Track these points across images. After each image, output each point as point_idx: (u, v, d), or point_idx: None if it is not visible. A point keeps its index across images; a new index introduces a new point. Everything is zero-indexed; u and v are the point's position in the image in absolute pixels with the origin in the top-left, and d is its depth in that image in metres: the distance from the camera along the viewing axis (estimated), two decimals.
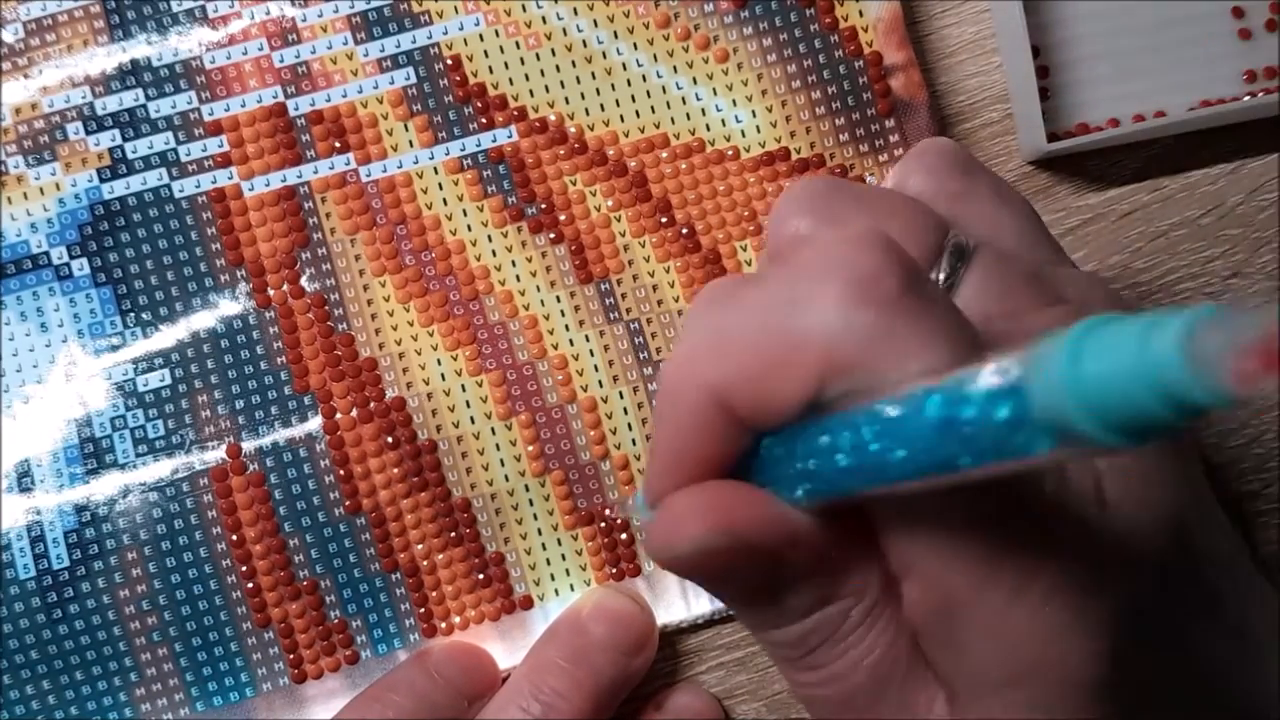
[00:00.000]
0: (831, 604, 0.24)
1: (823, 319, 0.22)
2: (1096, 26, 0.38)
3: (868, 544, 0.24)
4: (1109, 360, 0.16)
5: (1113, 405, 0.16)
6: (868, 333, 0.22)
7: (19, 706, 0.36)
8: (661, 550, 0.24)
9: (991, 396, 0.18)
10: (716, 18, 0.37)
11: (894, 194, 0.27)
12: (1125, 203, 0.38)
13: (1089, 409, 0.17)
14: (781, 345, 0.22)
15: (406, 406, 0.37)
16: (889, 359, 0.21)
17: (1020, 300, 0.26)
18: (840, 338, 0.22)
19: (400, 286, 0.37)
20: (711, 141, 0.37)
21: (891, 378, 0.21)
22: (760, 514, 0.23)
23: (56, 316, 0.37)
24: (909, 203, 0.27)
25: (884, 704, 0.24)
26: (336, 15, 0.37)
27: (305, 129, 0.37)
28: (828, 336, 0.22)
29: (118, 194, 0.37)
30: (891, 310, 0.22)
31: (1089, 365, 0.17)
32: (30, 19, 0.37)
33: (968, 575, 0.22)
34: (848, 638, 0.24)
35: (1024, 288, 0.26)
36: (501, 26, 0.37)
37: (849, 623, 0.24)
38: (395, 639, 0.37)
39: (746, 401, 0.23)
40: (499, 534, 0.37)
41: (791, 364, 0.22)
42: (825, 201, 0.27)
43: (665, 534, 0.24)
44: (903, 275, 0.22)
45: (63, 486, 0.36)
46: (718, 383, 0.23)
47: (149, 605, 0.36)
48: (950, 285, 0.26)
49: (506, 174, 0.37)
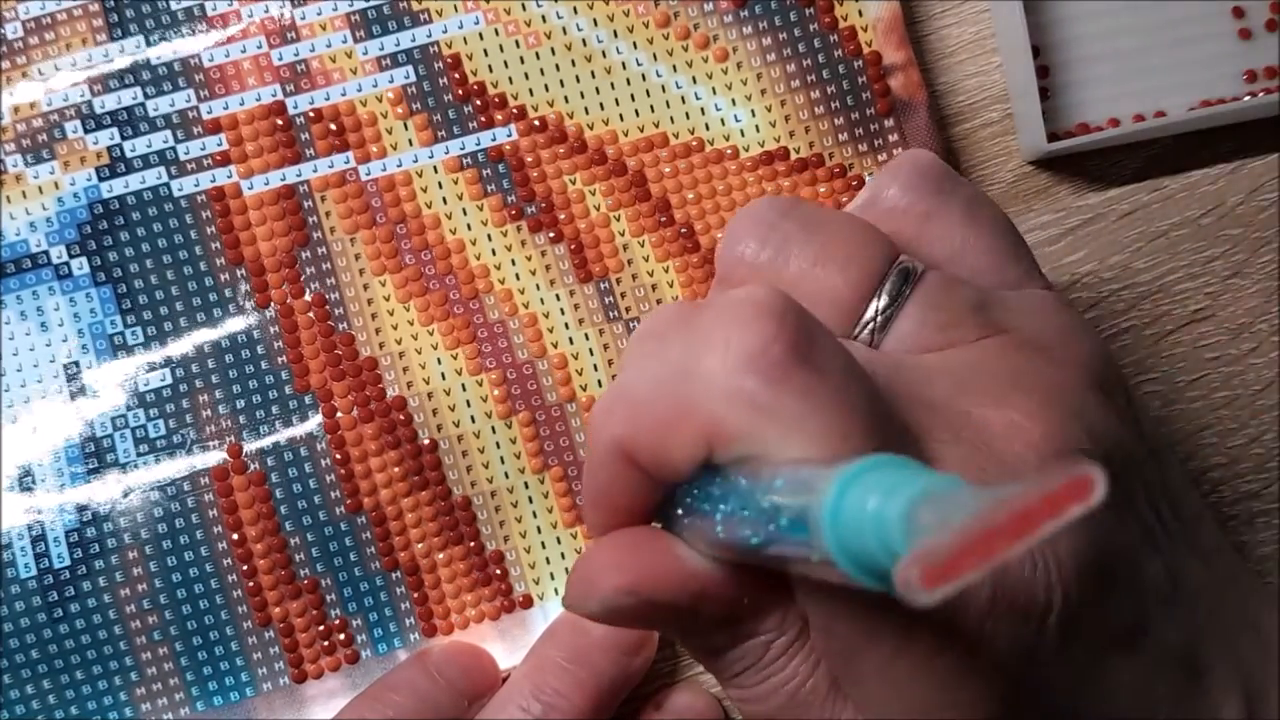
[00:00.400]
0: (751, 639, 0.25)
1: (708, 387, 0.22)
2: (1097, 26, 0.38)
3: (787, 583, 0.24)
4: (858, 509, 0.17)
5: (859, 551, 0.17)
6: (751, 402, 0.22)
7: (19, 706, 0.36)
8: (573, 607, 0.25)
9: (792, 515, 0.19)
10: (716, 17, 0.37)
11: (844, 218, 0.28)
12: (1125, 203, 0.38)
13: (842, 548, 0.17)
14: (672, 407, 0.23)
15: (407, 406, 0.37)
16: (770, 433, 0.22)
17: (957, 331, 0.26)
18: (724, 408, 0.22)
19: (400, 286, 0.37)
20: (711, 141, 0.37)
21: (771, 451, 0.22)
22: (666, 573, 0.24)
23: (56, 316, 0.37)
24: (857, 226, 0.27)
25: None
26: (335, 13, 0.37)
27: (304, 128, 0.37)
28: (712, 405, 0.22)
29: (117, 193, 0.37)
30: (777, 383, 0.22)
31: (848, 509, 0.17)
32: (29, 17, 0.37)
33: (855, 626, 0.23)
34: (769, 665, 0.25)
35: (964, 318, 0.26)
36: (501, 25, 0.37)
37: (770, 653, 0.25)
38: (395, 638, 0.37)
39: (645, 457, 0.24)
40: (499, 533, 0.37)
41: (680, 427, 0.23)
42: (770, 226, 0.27)
43: (577, 592, 0.25)
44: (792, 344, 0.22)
45: (64, 486, 0.36)
46: (623, 436, 0.24)
47: (149, 604, 0.36)
48: (889, 314, 0.26)
49: (506, 173, 0.37)
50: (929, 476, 0.17)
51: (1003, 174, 0.38)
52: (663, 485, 0.24)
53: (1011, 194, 0.38)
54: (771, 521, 0.20)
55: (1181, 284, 0.38)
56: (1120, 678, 0.25)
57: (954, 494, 0.16)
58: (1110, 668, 0.25)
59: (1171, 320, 0.38)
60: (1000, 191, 0.38)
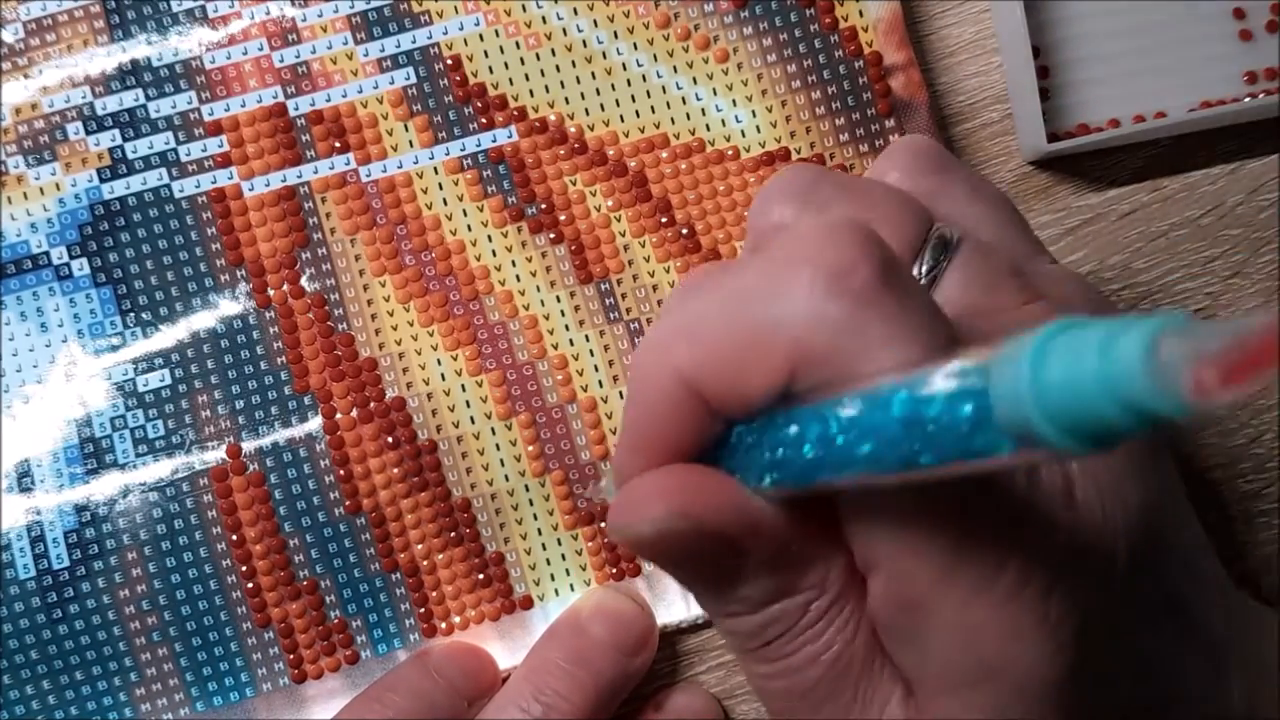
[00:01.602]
0: (791, 596, 0.24)
1: (794, 309, 0.22)
2: (1097, 27, 0.38)
3: (833, 538, 0.24)
4: (1070, 366, 0.16)
5: (1073, 412, 0.16)
6: (839, 325, 0.21)
7: (19, 706, 0.36)
8: (621, 530, 0.24)
9: (955, 397, 0.18)
10: (716, 18, 0.37)
11: (879, 184, 0.27)
12: (1125, 203, 0.38)
13: (1049, 414, 0.16)
14: (753, 334, 0.22)
15: (406, 406, 0.37)
16: (860, 353, 0.21)
17: (1003, 295, 0.25)
18: (811, 329, 0.21)
19: (400, 286, 0.37)
20: (711, 141, 0.37)
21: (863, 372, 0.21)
22: (722, 500, 0.23)
23: (56, 316, 0.37)
24: (894, 193, 0.27)
25: (838, 700, 0.24)
26: (336, 15, 0.37)
27: (305, 129, 0.37)
28: (799, 327, 0.21)
29: (118, 194, 0.37)
30: (864, 303, 0.21)
31: (1051, 371, 0.16)
32: (30, 19, 0.37)
33: (931, 571, 0.22)
34: (806, 631, 0.24)
35: (1007, 282, 0.26)
36: (501, 26, 0.37)
37: (808, 616, 0.24)
38: (395, 639, 0.37)
39: (716, 388, 0.23)
40: (499, 534, 0.37)
41: (762, 354, 0.22)
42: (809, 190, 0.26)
43: (625, 514, 0.23)
44: (878, 267, 0.22)
45: (63, 486, 0.36)
46: (689, 368, 0.23)
47: (149, 605, 0.36)
48: (933, 278, 0.25)
49: (506, 174, 0.37)
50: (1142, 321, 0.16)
51: (1003, 174, 0.38)
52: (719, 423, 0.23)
53: (1012, 194, 0.38)
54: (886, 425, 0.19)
55: (1182, 284, 0.38)
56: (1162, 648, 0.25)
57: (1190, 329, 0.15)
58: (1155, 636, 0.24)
59: None
60: None
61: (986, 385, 0.18)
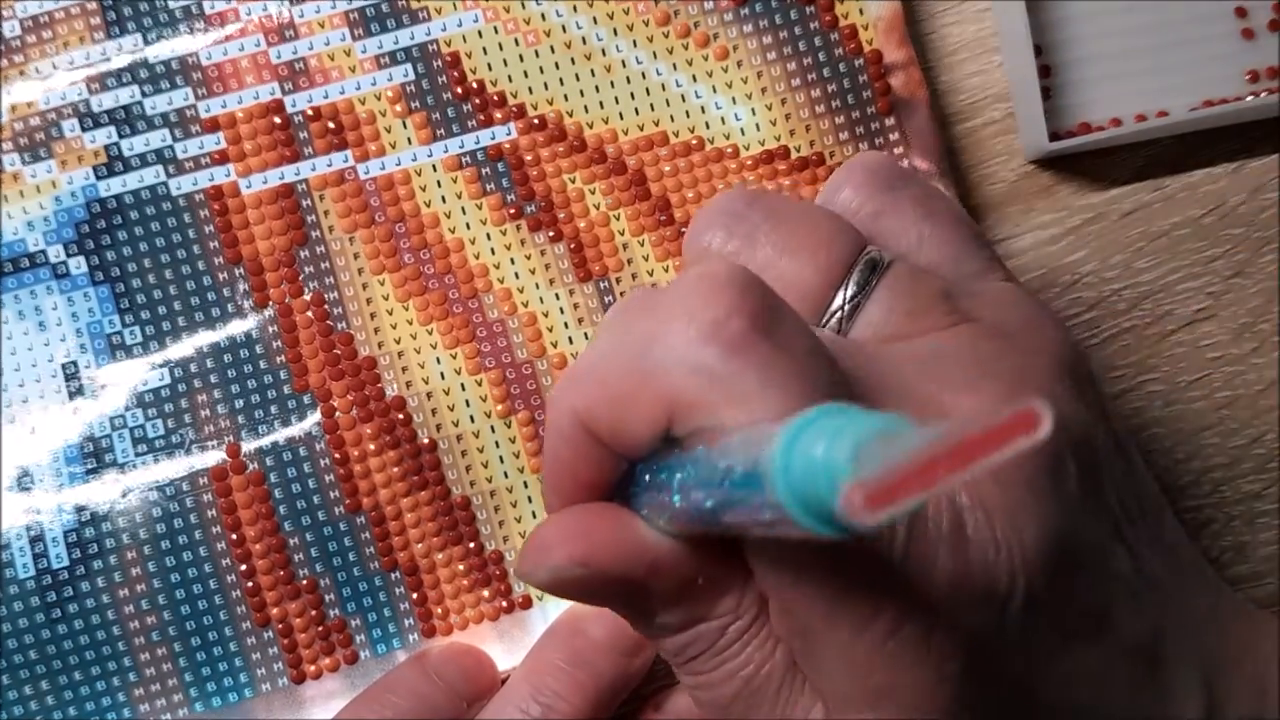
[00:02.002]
0: (706, 622, 0.25)
1: (670, 356, 0.22)
2: (1099, 26, 0.38)
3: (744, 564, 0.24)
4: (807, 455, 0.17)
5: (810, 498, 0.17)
6: (711, 373, 0.22)
7: (18, 706, 0.36)
8: (524, 576, 0.25)
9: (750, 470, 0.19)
10: (716, 15, 0.37)
11: (811, 209, 0.28)
12: (1127, 202, 0.38)
13: (795, 496, 0.17)
14: (633, 380, 0.23)
15: (406, 405, 0.37)
16: (730, 404, 0.22)
17: (927, 319, 0.26)
18: (684, 377, 0.22)
19: (399, 285, 0.37)
20: (711, 139, 0.37)
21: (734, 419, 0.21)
22: (619, 545, 0.24)
23: (54, 315, 0.37)
24: (823, 216, 0.27)
25: (760, 711, 0.25)
26: (334, 11, 0.37)
27: (303, 126, 0.37)
28: (673, 374, 0.22)
29: (114, 192, 0.37)
30: (737, 352, 0.22)
31: (798, 455, 0.17)
32: (27, 16, 0.36)
33: (815, 607, 0.23)
34: (724, 651, 0.25)
35: (933, 306, 0.26)
36: (500, 23, 0.37)
37: (725, 638, 0.25)
38: (395, 639, 0.37)
39: (605, 430, 0.23)
40: (498, 533, 0.37)
41: (640, 400, 0.23)
42: (737, 216, 0.27)
43: (528, 561, 0.25)
44: (753, 316, 0.22)
45: (62, 486, 0.36)
46: (582, 409, 0.24)
47: (148, 605, 0.36)
48: (857, 303, 0.26)
49: (505, 172, 0.37)
50: (877, 418, 0.17)
51: (1004, 173, 0.38)
52: (622, 460, 0.24)
53: (1013, 193, 0.38)
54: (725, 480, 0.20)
55: (1183, 283, 0.38)
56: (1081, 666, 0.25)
57: (902, 432, 0.16)
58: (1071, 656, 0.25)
59: (1173, 320, 0.38)
60: (1002, 191, 0.38)
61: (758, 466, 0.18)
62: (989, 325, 0.26)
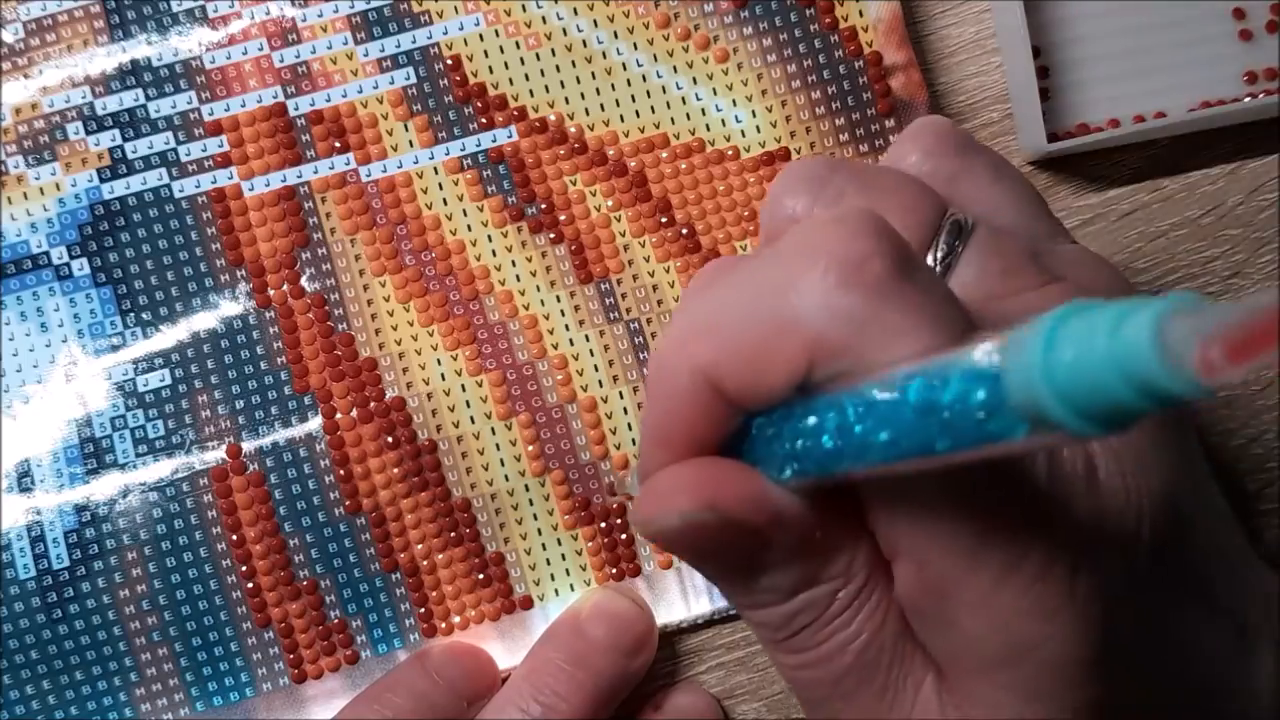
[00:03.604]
0: (818, 585, 0.24)
1: (809, 302, 0.22)
2: (1097, 27, 0.38)
3: (857, 526, 0.24)
4: (1081, 348, 0.16)
5: (1085, 393, 0.16)
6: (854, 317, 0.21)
7: (19, 706, 0.36)
8: (646, 524, 0.24)
9: (968, 382, 0.18)
10: (716, 17, 0.37)
11: (892, 172, 0.27)
12: (1125, 203, 0.38)
13: (1062, 396, 0.17)
14: (769, 328, 0.22)
15: (406, 406, 0.37)
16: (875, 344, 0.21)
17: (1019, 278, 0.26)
18: (826, 321, 0.22)
19: (400, 286, 0.37)
20: (711, 141, 0.37)
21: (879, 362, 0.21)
22: (745, 492, 0.23)
23: (56, 316, 0.37)
24: (907, 180, 0.27)
25: (870, 686, 0.24)
26: (336, 15, 0.37)
27: (305, 129, 0.37)
28: (814, 320, 0.22)
29: (118, 194, 0.37)
30: (878, 294, 0.21)
31: (1062, 353, 0.16)
32: (30, 19, 0.37)
33: (956, 557, 0.22)
34: (834, 620, 0.24)
35: (1023, 265, 0.26)
36: (501, 26, 0.37)
37: (836, 605, 0.24)
38: (395, 639, 0.37)
39: (735, 382, 0.23)
40: (499, 534, 0.37)
41: (779, 347, 0.22)
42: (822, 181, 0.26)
43: (650, 507, 0.24)
44: (891, 258, 0.22)
45: (63, 486, 0.36)
46: (707, 363, 0.23)
47: (149, 605, 0.36)
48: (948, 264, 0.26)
49: (506, 174, 0.37)
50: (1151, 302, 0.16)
51: None
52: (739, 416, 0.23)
53: None
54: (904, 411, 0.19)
55: (1181, 284, 0.38)
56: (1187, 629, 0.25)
57: (1199, 309, 0.15)
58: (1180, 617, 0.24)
59: None
60: None
61: (999, 369, 0.18)
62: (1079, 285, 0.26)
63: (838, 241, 0.22)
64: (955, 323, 0.22)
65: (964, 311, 0.23)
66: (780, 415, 0.23)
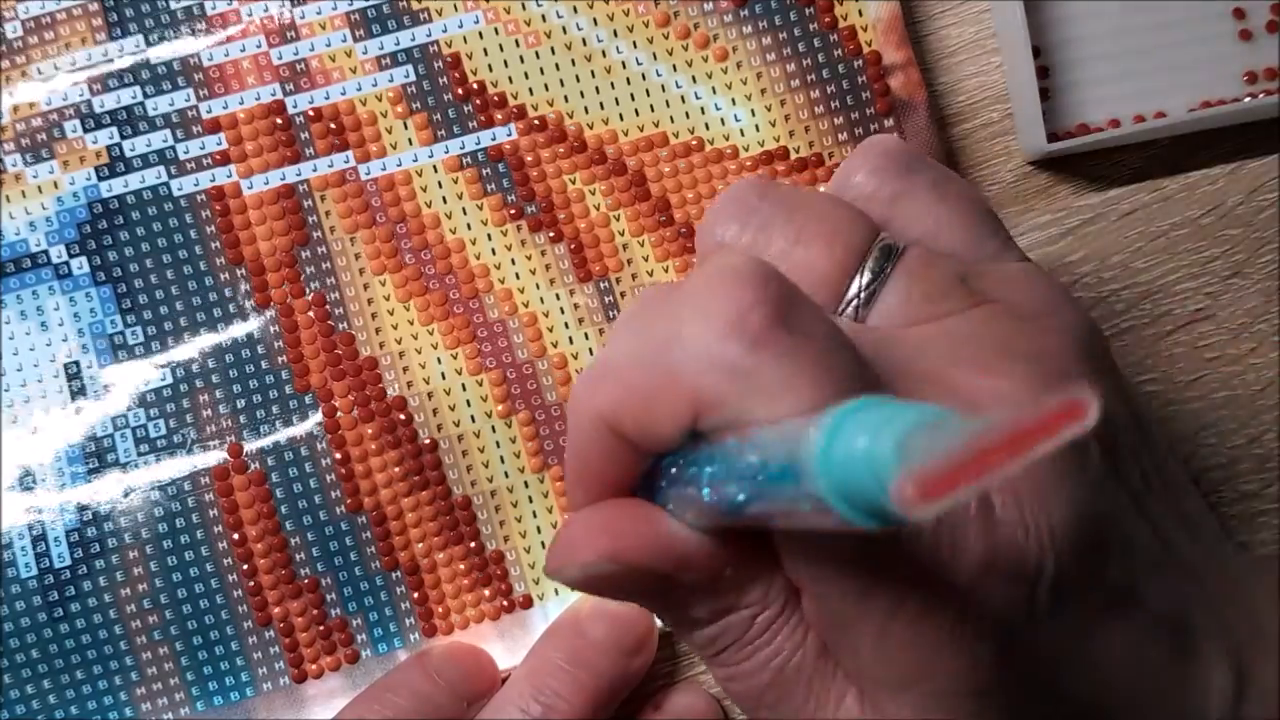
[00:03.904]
0: (736, 612, 0.25)
1: (690, 355, 0.22)
2: (1097, 27, 0.38)
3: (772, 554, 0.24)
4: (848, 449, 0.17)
5: (856, 490, 0.17)
6: (734, 369, 0.22)
7: (19, 706, 0.36)
8: (554, 574, 0.25)
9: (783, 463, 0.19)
10: (716, 16, 0.37)
11: (822, 198, 0.27)
12: (1125, 203, 0.38)
13: (835, 488, 0.17)
14: (656, 378, 0.23)
15: (407, 405, 0.37)
16: (755, 398, 0.22)
17: (945, 302, 0.26)
18: (706, 373, 0.22)
19: (400, 285, 0.37)
20: (711, 140, 0.37)
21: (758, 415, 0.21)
22: (647, 539, 0.24)
23: (56, 315, 0.37)
24: (835, 206, 0.27)
25: (791, 700, 0.25)
26: (335, 13, 0.37)
27: (304, 127, 0.37)
28: (695, 372, 0.22)
29: (116, 192, 0.37)
30: (758, 347, 0.22)
31: (838, 447, 0.17)
32: (29, 17, 0.37)
33: (847, 595, 0.23)
34: (754, 641, 0.25)
35: (949, 289, 0.26)
36: (501, 24, 0.37)
37: (754, 628, 0.25)
38: (395, 638, 0.37)
39: (630, 428, 0.23)
40: (499, 533, 0.37)
41: (665, 397, 0.23)
42: (750, 209, 0.27)
43: (557, 558, 0.25)
44: (772, 310, 0.22)
45: (64, 485, 0.36)
46: (606, 409, 0.24)
47: (150, 604, 0.36)
48: (873, 290, 0.26)
49: (506, 172, 0.37)
50: (918, 409, 0.16)
51: (1003, 174, 0.38)
52: (646, 457, 0.24)
53: (1012, 194, 0.38)
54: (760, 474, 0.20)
55: (1181, 284, 0.38)
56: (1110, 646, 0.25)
57: (947, 423, 0.16)
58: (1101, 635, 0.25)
59: (1171, 320, 0.38)
60: (1000, 191, 0.38)
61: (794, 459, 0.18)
62: (1007, 306, 0.26)
63: (723, 291, 0.22)
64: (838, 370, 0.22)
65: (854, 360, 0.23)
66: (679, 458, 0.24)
